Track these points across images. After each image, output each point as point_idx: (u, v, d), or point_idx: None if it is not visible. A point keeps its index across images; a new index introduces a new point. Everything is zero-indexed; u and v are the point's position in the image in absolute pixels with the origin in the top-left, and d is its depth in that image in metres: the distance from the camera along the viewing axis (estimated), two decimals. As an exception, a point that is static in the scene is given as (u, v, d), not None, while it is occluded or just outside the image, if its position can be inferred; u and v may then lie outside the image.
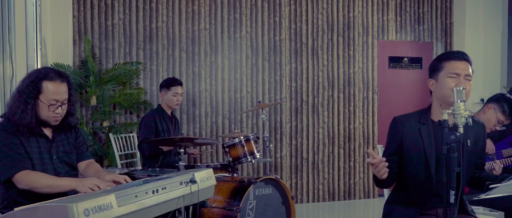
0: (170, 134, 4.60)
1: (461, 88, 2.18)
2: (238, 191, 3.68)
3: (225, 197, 3.71)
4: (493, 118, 3.58)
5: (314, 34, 5.97)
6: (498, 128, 3.68)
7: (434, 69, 2.49)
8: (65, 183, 2.52)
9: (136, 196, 2.29)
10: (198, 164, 4.41)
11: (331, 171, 6.03)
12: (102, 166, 4.89)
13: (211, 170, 2.89)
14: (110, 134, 4.76)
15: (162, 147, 4.35)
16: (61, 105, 2.74)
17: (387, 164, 2.30)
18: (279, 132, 5.87)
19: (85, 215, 2.00)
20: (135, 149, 4.97)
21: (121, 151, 4.81)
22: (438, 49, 6.46)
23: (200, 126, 5.63)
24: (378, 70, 6.21)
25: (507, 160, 3.86)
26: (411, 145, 2.50)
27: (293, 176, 5.93)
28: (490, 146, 4.49)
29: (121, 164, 4.75)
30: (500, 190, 1.92)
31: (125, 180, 2.68)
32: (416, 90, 6.35)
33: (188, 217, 3.83)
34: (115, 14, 5.40)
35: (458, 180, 2.48)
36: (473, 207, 3.52)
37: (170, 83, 4.54)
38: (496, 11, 6.45)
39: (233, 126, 4.86)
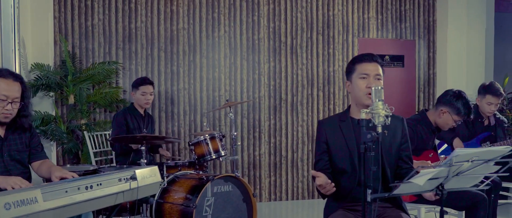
0: (141, 132, 4.69)
1: (379, 87, 2.24)
2: (196, 188, 3.76)
3: (184, 193, 3.79)
4: (449, 121, 3.61)
5: (293, 32, 6.02)
6: (455, 125, 3.70)
7: (348, 71, 2.66)
8: None
9: (66, 191, 2.38)
10: (167, 161, 4.48)
11: (310, 169, 6.08)
12: (78, 163, 5.02)
13: (155, 167, 2.97)
14: (85, 132, 4.87)
15: (131, 145, 4.45)
16: (11, 103, 2.86)
17: (333, 184, 2.43)
18: (257, 130, 5.94)
19: (6, 208, 2.09)
20: (109, 146, 5.08)
21: (96, 149, 4.92)
22: (421, 47, 6.46)
23: (178, 124, 5.72)
24: (359, 68, 6.22)
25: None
26: (335, 142, 2.65)
27: (272, 174, 5.99)
28: (459, 145, 4.51)
29: (96, 161, 4.85)
30: (401, 189, 1.96)
31: (72, 177, 2.79)
32: (398, 88, 6.36)
33: (152, 213, 3.93)
34: (95, 14, 5.51)
35: (384, 176, 2.56)
36: (428, 207, 3.56)
37: (139, 83, 4.63)
38: (480, 9, 6.42)
39: (205, 124, 4.93)
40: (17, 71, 4.86)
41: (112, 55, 5.54)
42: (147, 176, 2.88)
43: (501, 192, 4.85)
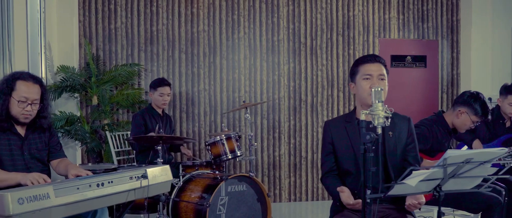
0: (158, 132, 4.79)
1: (379, 89, 2.25)
2: (210, 187, 3.83)
3: (199, 192, 3.87)
4: (467, 122, 3.57)
5: (313, 33, 6.04)
6: (473, 127, 3.65)
7: (352, 73, 2.69)
8: (11, 176, 2.75)
9: (78, 188, 2.49)
10: (187, 160, 4.57)
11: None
12: (101, 162, 5.17)
13: (167, 167, 3.06)
14: (107, 132, 5.01)
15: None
16: (30, 104, 3.00)
17: (357, 201, 2.45)
18: (277, 130, 5.98)
19: (19, 203, 2.21)
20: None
21: (117, 148, 5.06)
22: (444, 47, 6.38)
23: (198, 124, 5.82)
24: (380, 69, 6.19)
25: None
26: (340, 143, 2.68)
27: (291, 175, 6.02)
28: (478, 147, 4.44)
29: (117, 160, 4.99)
30: (395, 190, 1.97)
31: (86, 174, 2.90)
32: (420, 89, 6.30)
33: (168, 211, 4.03)
34: (117, 18, 5.67)
35: (388, 177, 2.57)
36: (442, 209, 3.53)
37: (157, 83, 4.75)
38: (505, 8, 6.29)
39: (224, 125, 5.01)
40: (43, 74, 5.07)
41: (135, 57, 5.68)
42: (158, 174, 2.98)
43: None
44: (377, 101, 2.23)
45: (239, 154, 4.39)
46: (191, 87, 5.81)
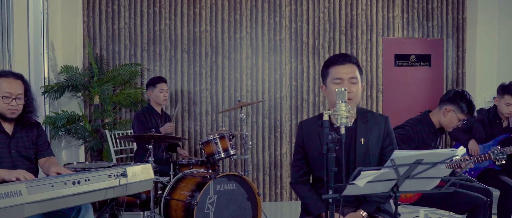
0: (159, 131, 4.87)
1: (343, 89, 2.24)
2: (199, 185, 3.88)
3: (189, 191, 3.92)
4: (454, 120, 3.52)
5: (315, 33, 6.03)
6: (460, 125, 3.60)
7: (323, 75, 2.56)
8: None
9: (52, 186, 2.55)
10: (181, 160, 4.62)
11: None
12: (101, 160, 5.27)
13: (149, 165, 3.11)
14: (106, 131, 5.11)
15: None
16: (15, 99, 3.11)
17: None
18: (279, 130, 5.99)
19: (-9, 200, 2.29)
20: (130, 144, 5.30)
21: (117, 147, 5.15)
22: (449, 46, 6.29)
23: (200, 123, 5.88)
24: (383, 68, 6.15)
25: (477, 157, 3.78)
26: (312, 148, 2.55)
27: (293, 173, 6.02)
28: (474, 147, 4.38)
29: (117, 158, 5.08)
30: (348, 190, 1.97)
31: (66, 172, 2.98)
32: (424, 88, 6.22)
33: (160, 209, 4.09)
34: (121, 18, 5.77)
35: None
36: (427, 209, 3.50)
37: (155, 81, 4.82)
38: (512, 5, 6.17)
39: (221, 124, 5.06)
40: (46, 74, 5.20)
41: (137, 57, 5.78)
42: (138, 173, 3.03)
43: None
44: (340, 102, 2.21)
45: (232, 153, 4.42)
46: (193, 86, 5.87)
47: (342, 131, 2.19)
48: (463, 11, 6.31)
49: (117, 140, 5.18)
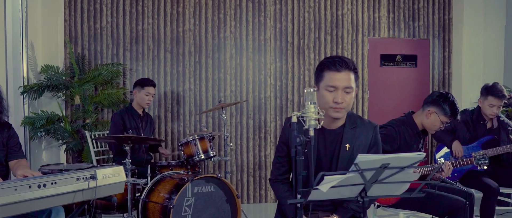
0: (139, 132, 4.80)
1: (311, 90, 2.17)
2: (176, 188, 3.81)
3: (166, 193, 3.85)
4: (437, 122, 3.45)
5: (300, 33, 5.97)
6: (443, 128, 3.55)
7: (316, 77, 2.42)
8: None
9: (15, 189, 2.48)
10: (162, 162, 4.54)
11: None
12: (81, 162, 5.19)
13: (120, 167, 3.02)
14: (86, 132, 5.03)
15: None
16: None
17: None
18: (263, 130, 5.93)
19: None
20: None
21: (97, 148, 5.07)
22: (435, 46, 6.25)
23: (184, 124, 5.81)
24: (369, 68, 6.10)
25: (459, 161, 3.73)
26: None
27: (277, 175, 5.96)
28: (457, 148, 4.34)
29: (97, 159, 5.00)
30: (313, 195, 1.91)
31: (33, 175, 2.90)
32: (410, 88, 6.18)
33: (138, 211, 4.02)
34: (103, 17, 5.68)
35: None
36: (407, 212, 3.45)
37: (144, 82, 4.74)
38: (499, 6, 6.13)
39: (203, 125, 4.99)
40: (25, 73, 5.11)
41: (120, 57, 5.69)
42: (109, 175, 2.95)
43: (505, 199, 4.63)
44: (309, 103, 2.15)
45: (212, 154, 4.35)
46: (176, 86, 5.80)
47: (311, 133, 2.13)
48: (449, 11, 6.27)
49: (98, 141, 5.09)
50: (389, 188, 2.00)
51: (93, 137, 5.04)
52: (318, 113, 2.16)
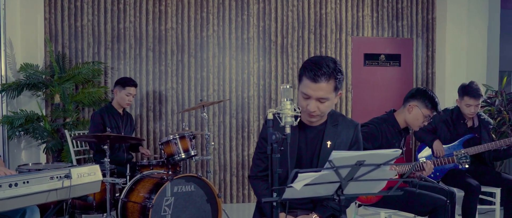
0: (119, 131, 4.72)
1: (287, 86, 2.13)
2: (156, 187, 3.75)
3: (146, 193, 3.79)
4: (420, 116, 3.43)
5: (283, 31, 5.94)
6: (426, 123, 3.52)
7: (299, 76, 2.35)
8: None
9: (-14, 189, 2.41)
10: (143, 161, 4.47)
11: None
12: (61, 161, 5.10)
13: (96, 166, 2.96)
14: (66, 131, 4.94)
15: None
16: None
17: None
18: (246, 129, 5.88)
19: None
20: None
21: (77, 147, 4.98)
22: (419, 46, 6.25)
23: (166, 123, 5.74)
24: (353, 67, 6.09)
25: (440, 160, 3.72)
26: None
27: (261, 174, 5.92)
28: (439, 148, 4.33)
29: (77, 159, 4.91)
30: (288, 194, 1.87)
31: (5, 174, 2.83)
32: (394, 88, 6.18)
33: (117, 211, 3.95)
34: (84, 15, 5.60)
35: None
36: (388, 211, 3.43)
37: (126, 82, 4.66)
38: (482, 6, 6.15)
39: (185, 124, 4.93)
40: (3, 71, 5.00)
41: (101, 56, 5.61)
42: (84, 174, 2.89)
43: (487, 198, 4.64)
44: (285, 99, 2.11)
45: (193, 154, 4.30)
46: (158, 85, 5.73)
47: (287, 130, 2.09)
48: (433, 10, 6.28)
49: (78, 141, 5.01)
50: (366, 186, 1.96)
51: (72, 136, 4.96)
52: (295, 110, 2.12)
